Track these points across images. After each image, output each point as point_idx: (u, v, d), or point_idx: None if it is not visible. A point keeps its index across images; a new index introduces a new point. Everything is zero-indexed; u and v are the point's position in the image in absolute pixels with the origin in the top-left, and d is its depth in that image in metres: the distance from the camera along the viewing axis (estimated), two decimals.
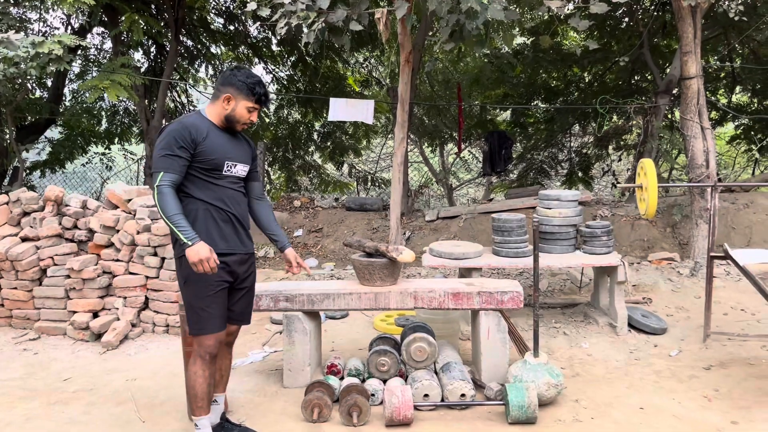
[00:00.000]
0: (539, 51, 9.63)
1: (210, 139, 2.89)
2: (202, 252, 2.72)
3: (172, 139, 2.80)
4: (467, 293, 3.75)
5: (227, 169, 2.95)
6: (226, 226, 2.95)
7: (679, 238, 7.01)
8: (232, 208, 2.97)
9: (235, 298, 3.08)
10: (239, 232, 3.01)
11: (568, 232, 4.74)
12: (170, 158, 2.79)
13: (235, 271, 3.01)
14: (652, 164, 4.26)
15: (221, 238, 2.93)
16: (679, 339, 4.58)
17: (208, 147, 2.87)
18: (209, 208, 2.91)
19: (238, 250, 3.01)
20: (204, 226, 2.89)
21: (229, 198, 2.97)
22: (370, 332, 4.89)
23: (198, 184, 2.90)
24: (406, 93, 6.17)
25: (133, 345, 4.70)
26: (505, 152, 9.17)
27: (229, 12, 10.90)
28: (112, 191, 5.20)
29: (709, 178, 5.76)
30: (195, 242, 2.72)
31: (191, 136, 2.82)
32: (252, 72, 3.06)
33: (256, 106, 2.97)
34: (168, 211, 2.72)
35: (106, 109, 11.82)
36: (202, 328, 2.91)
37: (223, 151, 2.93)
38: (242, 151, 3.06)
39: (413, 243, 7.64)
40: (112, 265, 4.96)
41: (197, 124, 2.89)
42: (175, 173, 2.80)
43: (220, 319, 2.95)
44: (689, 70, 5.78)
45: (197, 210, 2.90)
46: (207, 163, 2.88)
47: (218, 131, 2.96)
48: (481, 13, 4.97)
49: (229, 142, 2.98)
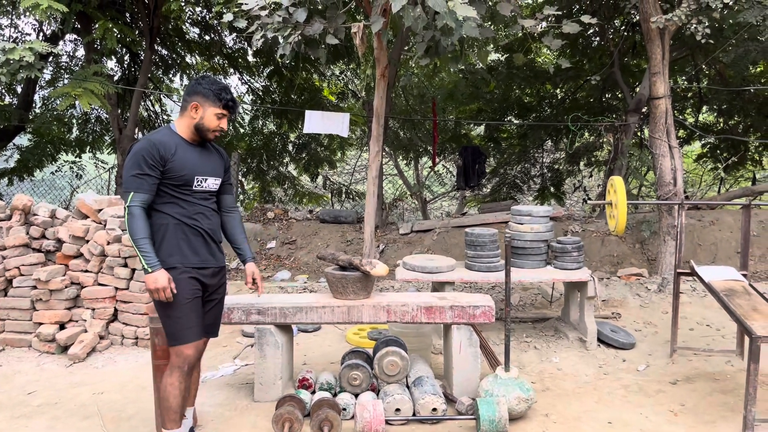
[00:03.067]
0: (513, 67, 9.77)
1: (179, 155, 2.88)
2: (160, 281, 2.77)
3: (140, 158, 2.80)
4: (440, 307, 3.77)
5: (197, 184, 2.95)
6: (197, 240, 2.96)
7: (647, 254, 7.14)
8: (202, 223, 2.98)
9: (204, 310, 3.07)
10: (210, 245, 3.03)
11: (540, 247, 4.80)
12: (140, 178, 2.80)
13: (206, 283, 3.02)
14: (622, 182, 4.34)
15: (192, 252, 2.95)
16: (646, 354, 4.65)
17: (177, 163, 2.86)
18: (180, 223, 2.92)
19: (209, 263, 3.02)
20: (174, 240, 2.91)
21: (200, 213, 2.98)
22: (343, 346, 4.88)
23: (168, 200, 2.90)
24: (382, 107, 6.20)
25: (100, 357, 4.62)
26: (479, 167, 9.26)
27: (204, 22, 10.85)
28: (82, 201, 5.13)
29: (677, 196, 5.89)
30: (155, 269, 2.77)
31: (159, 154, 2.82)
32: (217, 79, 3.06)
33: (224, 112, 2.96)
34: (135, 234, 2.77)
35: (77, 117, 11.66)
36: (180, 337, 2.91)
37: (192, 166, 2.93)
38: (213, 164, 3.06)
39: (387, 256, 7.65)
40: (81, 275, 4.88)
41: (165, 141, 2.87)
42: (146, 193, 2.81)
43: (197, 327, 2.96)
44: (658, 90, 5.93)
45: (168, 225, 2.90)
46: (177, 180, 2.88)
47: (188, 146, 2.96)
48: (456, 30, 5.03)
49: (199, 157, 2.98)
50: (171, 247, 2.88)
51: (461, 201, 13.99)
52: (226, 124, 3.00)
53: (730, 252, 6.99)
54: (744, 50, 7.67)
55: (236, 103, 3.01)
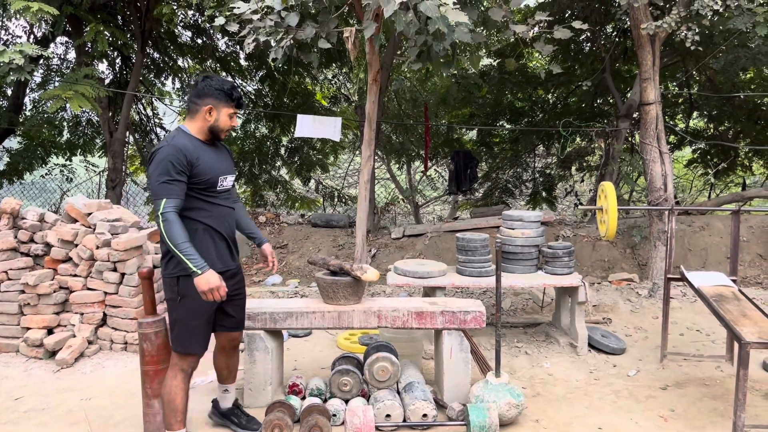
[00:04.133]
0: (505, 72, 9.80)
1: (202, 158, 2.93)
2: (212, 281, 2.80)
3: (169, 164, 2.80)
4: (430, 313, 3.76)
5: (221, 184, 3.03)
6: (221, 245, 3.06)
7: (638, 259, 7.16)
8: (223, 226, 3.07)
9: (231, 309, 3.24)
10: (230, 247, 3.14)
11: (531, 252, 4.80)
12: (170, 184, 2.80)
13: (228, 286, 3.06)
14: (612, 187, 4.35)
15: (218, 258, 3.03)
16: (637, 359, 4.66)
17: (202, 166, 2.92)
18: (207, 228, 2.99)
19: (229, 266, 3.13)
20: (204, 247, 2.96)
21: (222, 215, 3.06)
22: (334, 351, 4.87)
23: (194, 204, 2.95)
24: (374, 111, 6.19)
25: (89, 363, 4.58)
26: (471, 171, 9.27)
27: (197, 25, 10.82)
28: (71, 204, 5.09)
29: (667, 201, 5.91)
30: (205, 271, 2.80)
31: (186, 159, 2.85)
32: (223, 78, 3.15)
33: (236, 110, 3.03)
34: (176, 239, 2.76)
35: (68, 119, 11.59)
36: (187, 346, 3.01)
37: (215, 167, 3.00)
38: (228, 162, 3.15)
39: (379, 260, 7.64)
40: (69, 280, 4.84)
41: (188, 146, 2.90)
42: (177, 198, 2.83)
43: (205, 339, 3.08)
44: (648, 96, 5.96)
45: (196, 230, 2.96)
46: (203, 183, 2.94)
47: (206, 148, 3.01)
48: (448, 35, 5.04)
49: (217, 157, 3.05)
50: (200, 253, 2.88)
51: (453, 205, 14.00)
52: (236, 121, 3.11)
53: (720, 257, 7.02)
54: (734, 57, 7.73)
55: (244, 100, 3.09)
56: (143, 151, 11.35)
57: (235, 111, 3.02)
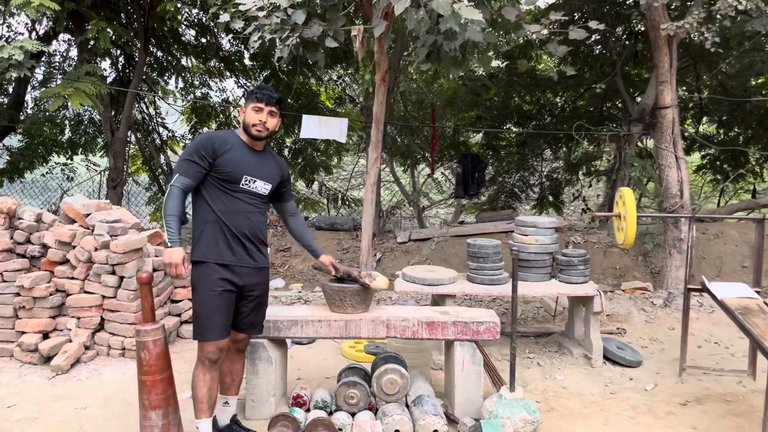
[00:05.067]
0: (514, 75, 9.63)
1: (233, 152, 3.07)
2: (174, 256, 2.92)
3: (194, 147, 3.03)
4: (442, 323, 3.59)
5: (245, 183, 3.09)
6: (234, 239, 3.07)
7: (650, 266, 6.98)
8: (242, 223, 3.09)
9: (242, 308, 3.21)
10: (247, 246, 3.12)
11: (545, 259, 4.63)
12: (188, 163, 3.00)
13: (240, 282, 3.11)
14: (631, 193, 4.18)
15: (228, 250, 3.06)
16: (654, 372, 4.48)
17: (227, 159, 3.04)
18: (218, 220, 3.05)
19: (245, 263, 3.12)
20: (212, 236, 3.05)
21: (241, 212, 3.09)
22: (339, 359, 4.70)
23: (214, 193, 3.07)
24: (381, 112, 6.04)
25: (85, 369, 4.42)
26: (479, 175, 9.09)
27: (201, 24, 10.68)
28: (69, 205, 4.93)
29: (683, 208, 5.74)
30: (174, 245, 2.93)
31: (213, 147, 3.02)
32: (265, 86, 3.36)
33: (258, 105, 3.09)
34: (167, 210, 2.94)
35: (69, 118, 11.46)
36: (202, 333, 3.04)
37: (243, 165, 3.08)
38: (267, 170, 3.20)
39: (384, 265, 7.47)
40: (66, 283, 4.68)
41: (225, 137, 3.10)
42: (189, 178, 2.99)
43: (221, 327, 3.05)
44: (664, 99, 5.78)
45: (207, 221, 3.06)
46: (224, 175, 3.04)
47: (245, 148, 3.13)
48: (459, 34, 4.88)
49: (254, 160, 3.14)
50: (208, 243, 3.03)
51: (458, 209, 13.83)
52: (265, 116, 3.11)
53: (735, 266, 6.84)
54: (749, 61, 7.57)
55: (274, 96, 3.12)
56: (145, 150, 11.20)
57: (258, 105, 3.09)
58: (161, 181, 11.41)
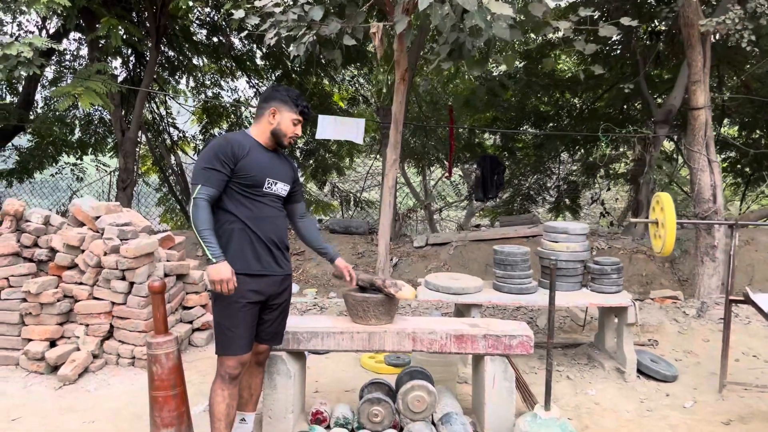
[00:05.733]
0: (532, 75, 9.39)
1: (252, 155, 2.90)
2: (223, 272, 2.73)
3: (213, 153, 2.82)
4: (471, 336, 3.37)
5: (267, 186, 2.94)
6: (261, 247, 2.92)
7: (678, 273, 6.73)
8: (269, 229, 2.95)
9: (266, 318, 3.06)
10: (274, 253, 2.97)
11: (576, 268, 4.39)
12: (209, 171, 2.80)
13: (267, 291, 2.96)
14: (670, 199, 3.95)
15: (255, 259, 2.90)
16: (691, 387, 4.24)
17: (249, 163, 2.87)
18: (245, 228, 2.89)
19: (272, 271, 2.96)
20: (239, 246, 2.88)
21: (268, 218, 2.95)
22: (358, 371, 4.48)
23: (237, 200, 2.89)
24: (401, 112, 5.83)
25: (93, 379, 4.23)
26: (498, 178, 8.85)
27: (212, 23, 10.51)
28: (78, 207, 4.74)
29: (717, 214, 5.49)
30: (219, 261, 2.74)
31: (232, 151, 2.84)
32: (292, 87, 3.12)
33: (299, 118, 3.00)
34: (199, 225, 2.75)
35: (80, 118, 11.31)
36: (225, 348, 2.88)
37: (263, 168, 2.93)
38: (284, 171, 3.06)
39: (401, 270, 7.25)
40: (75, 288, 4.49)
41: (240, 141, 2.91)
42: (213, 187, 2.80)
43: (245, 340, 2.90)
44: (698, 100, 5.53)
45: (233, 229, 2.89)
46: (247, 179, 2.88)
47: (261, 149, 2.98)
48: (485, 31, 4.66)
49: (271, 161, 2.99)
50: (234, 252, 2.86)
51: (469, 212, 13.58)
52: (300, 130, 3.06)
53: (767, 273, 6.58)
54: None
55: (310, 111, 3.06)
56: (155, 150, 11.04)
57: (299, 119, 2.99)
58: (171, 182, 11.24)
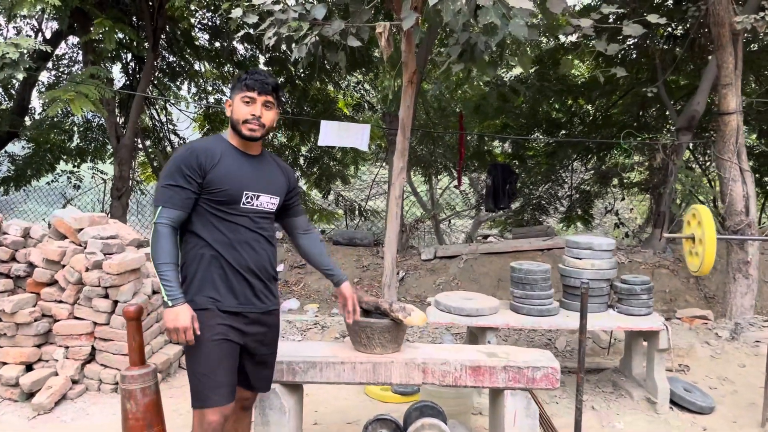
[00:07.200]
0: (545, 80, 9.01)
1: (224, 163, 2.39)
2: (180, 319, 2.27)
3: (175, 167, 2.34)
4: (489, 368, 2.98)
5: (247, 201, 2.42)
6: (237, 278, 2.42)
7: (704, 290, 6.31)
8: (248, 256, 2.43)
9: (250, 361, 2.56)
10: (254, 285, 2.45)
11: (602, 287, 3.99)
12: (171, 189, 2.32)
13: (247, 330, 2.46)
14: (708, 212, 3.55)
15: (230, 293, 2.41)
16: (731, 421, 3.83)
17: (219, 174, 2.36)
18: (217, 255, 2.39)
19: (250, 309, 2.46)
20: (209, 276, 2.39)
21: (245, 243, 2.43)
22: (362, 399, 4.09)
23: (208, 221, 2.40)
24: (408, 117, 5.46)
25: (71, 408, 3.86)
26: (510, 187, 8.44)
27: (214, 27, 10.20)
28: (59, 219, 4.38)
29: (750, 227, 5.09)
30: (177, 304, 2.28)
31: (198, 162, 2.34)
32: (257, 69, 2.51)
33: (249, 94, 2.39)
34: (157, 258, 2.29)
35: (78, 124, 11.01)
36: (203, 399, 2.37)
37: (239, 178, 2.40)
38: (270, 180, 2.52)
39: (408, 285, 6.86)
40: (54, 307, 4.13)
41: (210, 148, 2.40)
42: (176, 209, 2.33)
43: (226, 388, 2.39)
44: (728, 104, 5.14)
45: (203, 256, 2.39)
46: (219, 195, 2.37)
47: (238, 155, 2.45)
48: (501, 29, 4.29)
49: (252, 169, 2.46)
50: (204, 285, 2.38)
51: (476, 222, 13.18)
52: (259, 109, 2.41)
53: None
54: None
55: (266, 81, 2.41)
56: (155, 159, 10.71)
57: (248, 95, 2.39)
58: None
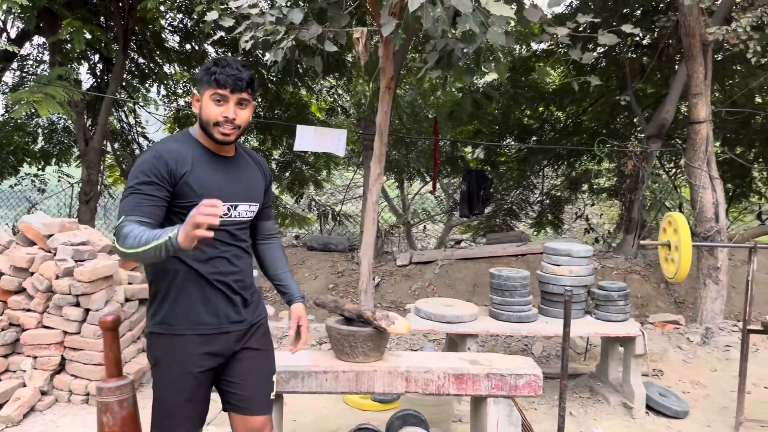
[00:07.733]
0: (518, 87, 9.10)
1: (197, 172, 2.05)
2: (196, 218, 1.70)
3: (140, 173, 1.99)
4: (473, 375, 2.97)
5: (224, 214, 2.05)
6: (216, 295, 2.14)
7: (674, 295, 6.43)
8: (224, 271, 2.14)
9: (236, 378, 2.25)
10: (233, 300, 2.18)
11: (579, 294, 4.03)
12: (136, 197, 1.97)
13: (227, 352, 2.20)
14: (684, 219, 3.62)
15: (209, 312, 2.13)
16: (704, 425, 3.90)
17: (192, 184, 2.03)
18: (191, 271, 2.09)
19: (231, 327, 2.18)
20: (185, 296, 2.10)
21: (221, 258, 2.14)
22: (341, 408, 4.05)
23: None
24: (386, 123, 5.45)
25: (40, 420, 3.74)
26: (484, 193, 8.50)
27: (185, 30, 10.04)
28: (27, 224, 4.25)
29: (720, 234, 5.20)
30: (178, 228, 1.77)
31: (167, 168, 2.01)
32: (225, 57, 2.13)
33: (220, 91, 2.03)
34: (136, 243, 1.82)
35: (43, 126, 10.73)
36: (165, 429, 2.13)
37: (216, 188, 2.08)
38: (249, 183, 2.22)
39: (383, 290, 6.83)
40: (22, 315, 4.01)
41: (179, 152, 2.05)
42: (143, 217, 1.94)
43: (192, 420, 2.16)
44: (698, 113, 5.25)
45: (177, 272, 2.08)
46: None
47: (210, 158, 2.12)
48: (479, 36, 4.32)
49: (225, 176, 2.13)
50: (179, 305, 2.09)
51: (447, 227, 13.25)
52: (232, 109, 2.05)
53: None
54: None
55: (239, 77, 2.05)
56: (123, 161, 10.50)
57: (218, 91, 2.03)
58: None
